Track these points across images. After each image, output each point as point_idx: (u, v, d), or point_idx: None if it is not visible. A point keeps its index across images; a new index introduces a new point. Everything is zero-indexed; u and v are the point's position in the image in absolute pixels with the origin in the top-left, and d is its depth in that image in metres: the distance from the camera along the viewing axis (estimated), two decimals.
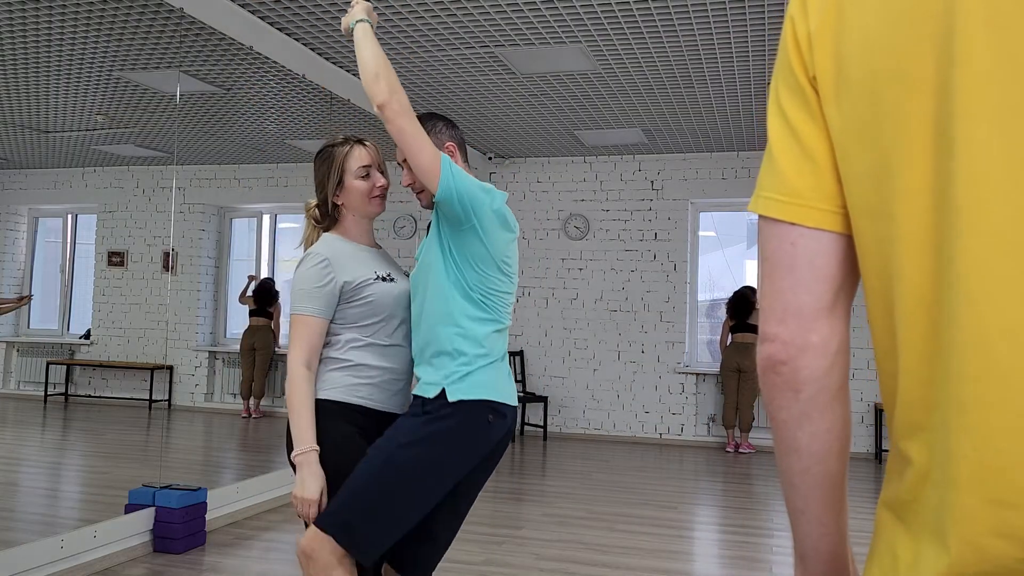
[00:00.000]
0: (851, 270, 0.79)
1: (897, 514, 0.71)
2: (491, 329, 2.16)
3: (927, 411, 0.68)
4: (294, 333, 2.07)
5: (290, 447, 2.11)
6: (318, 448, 2.01)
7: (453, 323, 2.09)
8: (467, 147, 8.05)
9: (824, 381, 0.79)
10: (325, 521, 1.98)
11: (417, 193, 2.19)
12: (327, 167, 2.20)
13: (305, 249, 2.24)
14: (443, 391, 2.04)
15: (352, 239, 2.23)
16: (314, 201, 2.29)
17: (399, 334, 2.19)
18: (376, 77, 1.99)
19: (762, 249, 0.82)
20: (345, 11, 4.45)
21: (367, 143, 2.24)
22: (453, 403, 2.04)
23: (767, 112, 0.82)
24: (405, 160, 2.10)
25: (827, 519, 0.85)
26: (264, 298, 8.11)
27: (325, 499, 2.00)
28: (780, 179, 0.79)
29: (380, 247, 2.32)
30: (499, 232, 2.11)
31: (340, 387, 2.10)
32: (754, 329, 7.36)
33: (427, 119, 2.18)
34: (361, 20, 2.09)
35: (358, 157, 2.19)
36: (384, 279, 2.17)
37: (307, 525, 2.03)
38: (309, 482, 1.98)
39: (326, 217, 2.25)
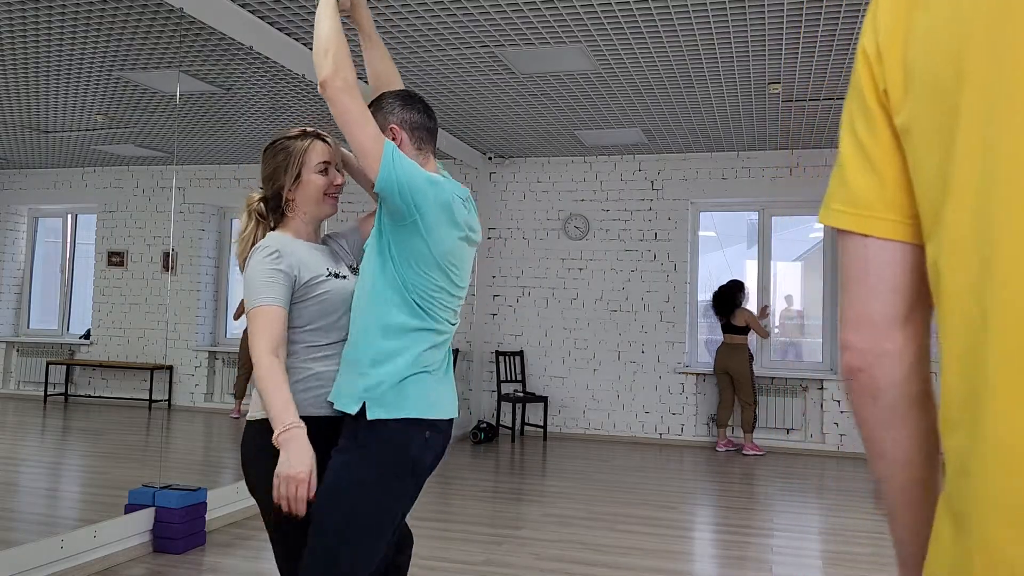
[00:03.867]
0: (925, 279, 0.81)
1: (944, 502, 0.74)
2: (424, 336, 1.94)
3: (963, 408, 0.70)
4: (254, 327, 1.90)
5: (245, 456, 2.02)
6: (303, 424, 1.83)
7: (382, 327, 1.91)
8: (467, 147, 8.04)
9: (903, 388, 0.82)
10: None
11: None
12: (284, 160, 2.09)
13: (241, 247, 2.09)
14: (363, 407, 1.89)
15: (300, 238, 2.11)
16: (257, 195, 2.15)
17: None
18: (325, 53, 1.87)
19: (839, 260, 0.86)
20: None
21: (328, 138, 2.15)
22: (377, 426, 1.88)
23: (840, 130, 0.85)
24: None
25: (917, 525, 0.86)
26: None
27: (315, 480, 1.82)
28: (849, 192, 0.82)
29: (328, 244, 2.21)
30: (444, 229, 1.91)
31: (298, 404, 1.96)
32: (737, 331, 7.32)
33: (380, 95, 2.03)
34: None
35: (319, 152, 2.09)
36: (336, 276, 2.06)
37: (280, 518, 1.90)
38: (296, 458, 1.79)
39: (273, 213, 2.13)
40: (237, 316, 8.17)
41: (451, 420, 2.01)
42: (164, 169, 9.04)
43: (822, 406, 7.53)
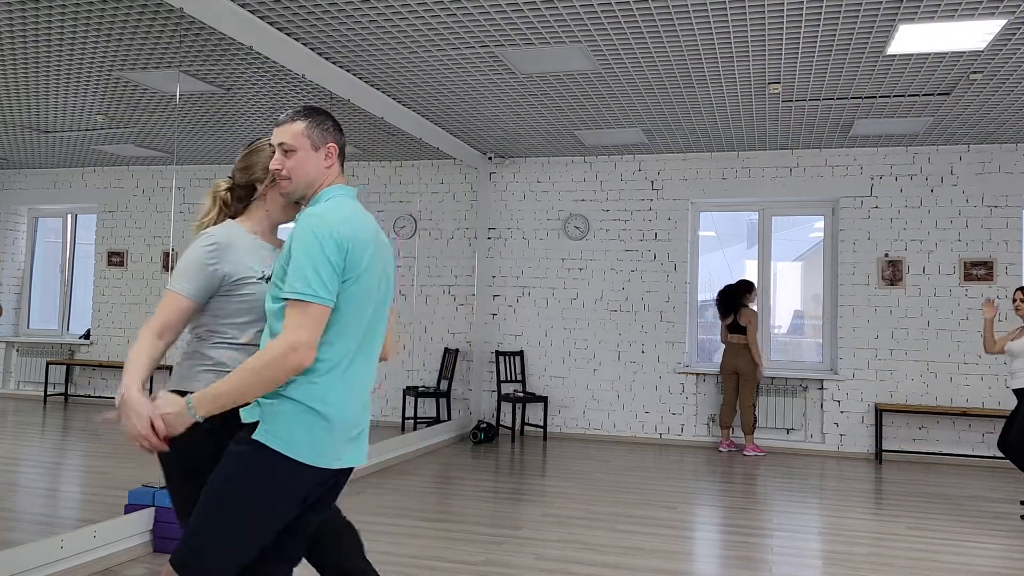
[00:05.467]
0: None
1: None
2: (324, 359, 1.90)
3: None
4: (159, 308, 2.00)
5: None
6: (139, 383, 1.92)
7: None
8: (467, 147, 8.05)
9: None
10: (177, 559, 1.91)
11: (281, 180, 2.04)
12: (265, 157, 2.20)
13: (197, 229, 2.18)
14: (256, 423, 1.89)
15: (255, 232, 2.20)
16: (224, 184, 2.24)
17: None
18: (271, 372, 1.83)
19: None
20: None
21: None
22: (257, 442, 1.87)
23: None
24: (281, 144, 2.00)
25: None
26: None
27: (160, 424, 1.86)
28: None
29: (280, 247, 2.24)
30: (354, 281, 1.93)
31: (191, 382, 2.09)
32: (744, 331, 7.34)
33: (318, 112, 2.05)
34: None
35: None
36: (267, 279, 2.11)
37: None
38: (135, 414, 1.87)
39: (238, 203, 2.23)
40: None
41: (318, 471, 1.93)
42: (164, 169, 9.04)
43: (822, 406, 7.53)
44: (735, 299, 7.41)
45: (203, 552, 1.88)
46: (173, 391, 2.08)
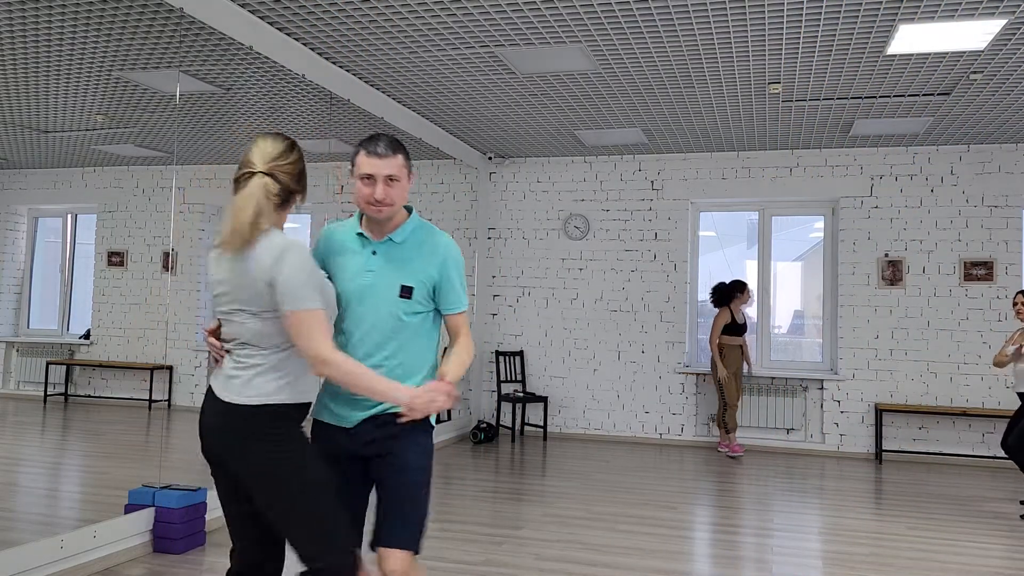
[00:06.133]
0: None
1: None
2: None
3: None
4: (314, 330, 1.98)
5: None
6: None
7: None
8: (467, 147, 8.05)
9: None
10: (411, 543, 2.18)
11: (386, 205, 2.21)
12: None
13: (251, 229, 2.02)
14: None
15: None
16: (274, 187, 2.10)
17: None
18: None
19: None
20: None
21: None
22: (431, 427, 2.35)
23: None
24: (389, 176, 2.18)
25: None
26: None
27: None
28: None
29: None
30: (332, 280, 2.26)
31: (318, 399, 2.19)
32: (743, 331, 7.30)
33: (402, 143, 2.31)
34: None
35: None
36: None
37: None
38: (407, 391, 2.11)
39: (284, 207, 2.15)
40: None
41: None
42: (164, 169, 9.04)
43: (822, 406, 7.53)
44: (720, 297, 7.35)
45: (424, 526, 2.23)
46: (270, 405, 2.05)
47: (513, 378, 8.14)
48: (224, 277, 2.07)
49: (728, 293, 7.34)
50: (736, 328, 7.30)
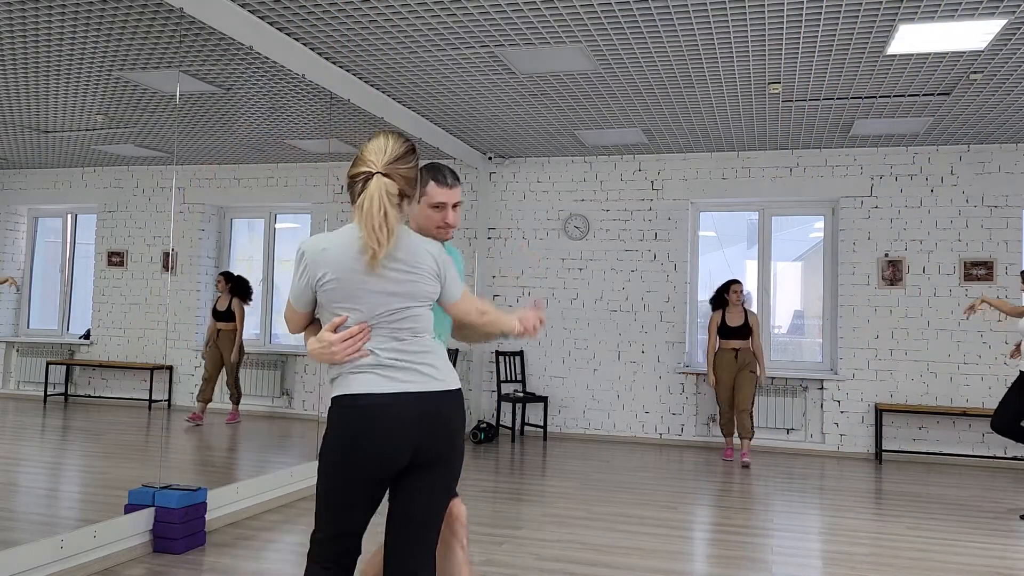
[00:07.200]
0: None
1: None
2: None
3: None
4: (475, 298, 2.40)
5: (459, 423, 2.24)
6: None
7: None
8: (467, 147, 8.05)
9: None
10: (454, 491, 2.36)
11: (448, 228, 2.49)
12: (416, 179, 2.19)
13: (389, 233, 2.06)
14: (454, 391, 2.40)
15: None
16: (394, 187, 2.08)
17: None
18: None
19: None
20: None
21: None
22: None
23: None
24: (456, 205, 2.44)
25: None
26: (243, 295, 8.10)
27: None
28: None
29: None
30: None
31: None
32: (735, 334, 7.13)
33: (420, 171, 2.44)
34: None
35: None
36: None
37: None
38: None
39: (399, 208, 2.13)
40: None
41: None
42: (164, 169, 9.04)
43: (822, 406, 7.53)
44: (713, 300, 7.23)
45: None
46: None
47: (513, 378, 8.14)
48: (379, 276, 2.08)
49: (718, 295, 7.21)
50: (726, 331, 7.09)
